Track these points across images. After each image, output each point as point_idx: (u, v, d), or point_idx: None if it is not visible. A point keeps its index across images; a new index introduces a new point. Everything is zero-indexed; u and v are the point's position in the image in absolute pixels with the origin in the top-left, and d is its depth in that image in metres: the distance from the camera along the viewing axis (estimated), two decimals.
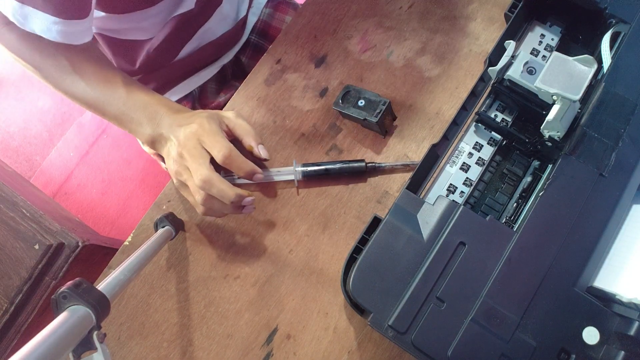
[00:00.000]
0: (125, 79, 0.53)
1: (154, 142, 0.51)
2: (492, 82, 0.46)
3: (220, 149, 0.46)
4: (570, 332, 0.36)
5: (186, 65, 0.72)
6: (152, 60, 0.68)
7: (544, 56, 0.49)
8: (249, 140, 0.50)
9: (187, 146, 0.47)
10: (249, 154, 0.49)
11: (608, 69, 0.44)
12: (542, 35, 0.50)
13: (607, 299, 0.37)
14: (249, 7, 0.76)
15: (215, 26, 0.70)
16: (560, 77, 0.39)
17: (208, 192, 0.46)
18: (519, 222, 0.43)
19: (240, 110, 0.58)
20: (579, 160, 0.41)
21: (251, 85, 0.59)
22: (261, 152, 0.50)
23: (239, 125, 0.50)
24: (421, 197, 0.43)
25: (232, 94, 0.59)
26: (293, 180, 0.53)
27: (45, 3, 0.45)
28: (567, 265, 0.38)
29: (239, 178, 0.53)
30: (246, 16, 0.75)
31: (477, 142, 0.47)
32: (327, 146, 0.55)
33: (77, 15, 0.47)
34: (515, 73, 0.45)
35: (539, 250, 0.38)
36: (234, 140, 0.50)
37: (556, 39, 0.50)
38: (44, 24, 0.46)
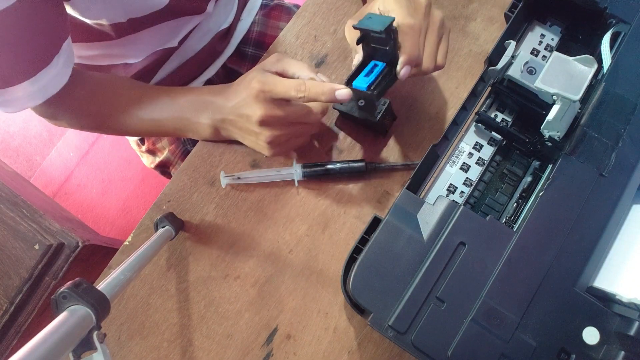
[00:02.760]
0: (151, 91, 0.52)
1: (219, 130, 0.51)
2: (492, 82, 0.46)
3: (293, 87, 0.44)
4: (570, 332, 0.36)
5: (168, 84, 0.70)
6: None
7: (544, 56, 0.49)
8: (307, 74, 0.47)
9: (263, 111, 0.46)
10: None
11: (608, 69, 0.44)
12: (542, 35, 0.50)
13: (607, 299, 0.37)
14: (238, 17, 0.72)
15: (196, 43, 0.68)
16: (560, 77, 0.39)
17: (318, 116, 0.49)
18: (519, 222, 0.43)
19: None
20: (579, 160, 0.41)
21: None
22: (322, 78, 0.48)
23: (287, 63, 0.48)
24: (421, 197, 0.43)
25: None
26: (293, 180, 0.53)
27: (16, 72, 0.42)
28: (567, 265, 0.38)
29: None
30: (231, 27, 0.71)
31: (477, 142, 0.47)
32: (327, 146, 0.55)
33: (46, 61, 0.44)
34: (515, 73, 0.45)
35: (539, 250, 0.38)
36: None
37: (556, 39, 0.50)
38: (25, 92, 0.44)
